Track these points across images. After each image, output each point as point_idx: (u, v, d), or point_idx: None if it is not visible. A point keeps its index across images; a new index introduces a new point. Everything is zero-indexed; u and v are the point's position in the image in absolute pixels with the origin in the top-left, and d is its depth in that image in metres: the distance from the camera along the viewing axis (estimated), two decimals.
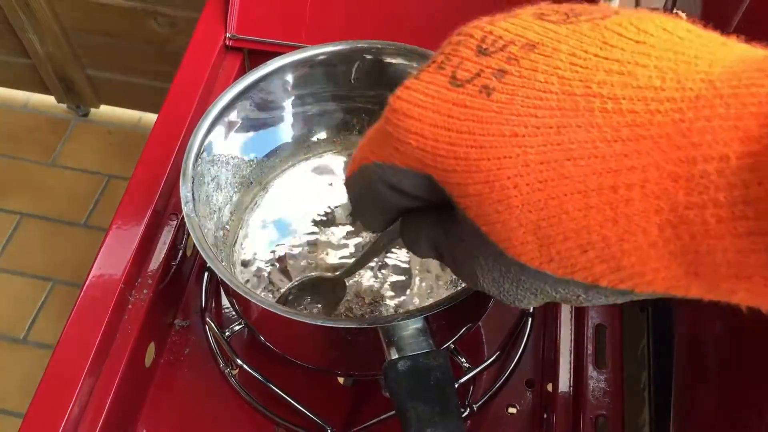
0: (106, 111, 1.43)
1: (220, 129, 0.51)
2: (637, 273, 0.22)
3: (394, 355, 0.42)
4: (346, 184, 0.32)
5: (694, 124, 0.20)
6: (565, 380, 0.52)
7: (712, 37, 0.23)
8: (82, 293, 0.51)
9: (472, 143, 0.24)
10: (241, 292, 0.43)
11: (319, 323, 0.43)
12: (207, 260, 0.44)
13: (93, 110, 1.44)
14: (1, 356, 1.21)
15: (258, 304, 0.43)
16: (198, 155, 0.48)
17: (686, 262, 0.21)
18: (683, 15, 0.25)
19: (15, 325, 1.24)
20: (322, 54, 0.53)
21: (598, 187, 0.22)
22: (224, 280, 0.43)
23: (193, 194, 0.46)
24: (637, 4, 1.06)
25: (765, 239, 0.18)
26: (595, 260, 0.22)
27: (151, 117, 1.43)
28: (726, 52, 0.22)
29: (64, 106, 1.43)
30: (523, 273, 0.25)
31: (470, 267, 0.28)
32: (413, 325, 0.42)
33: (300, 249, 0.56)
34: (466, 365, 0.51)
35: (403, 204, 0.29)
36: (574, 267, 0.23)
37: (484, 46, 0.26)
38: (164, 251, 0.55)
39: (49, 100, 1.41)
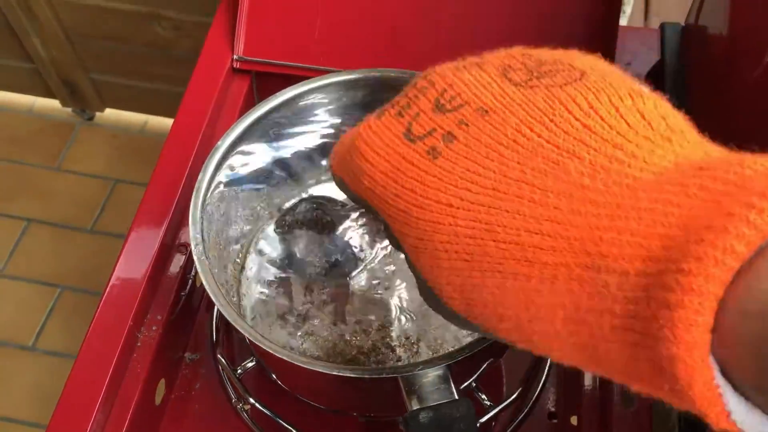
0: (111, 115, 1.41)
1: (228, 165, 0.49)
2: (546, 350, 0.23)
3: (415, 405, 0.40)
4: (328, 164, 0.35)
5: (606, 234, 0.21)
6: (591, 414, 0.51)
7: (662, 127, 0.23)
8: (89, 332, 0.50)
9: (414, 201, 0.26)
10: (251, 338, 0.41)
11: (336, 373, 0.41)
12: (218, 306, 0.42)
13: (98, 114, 1.42)
14: (9, 364, 1.20)
15: (271, 352, 0.41)
16: (206, 196, 0.46)
17: (587, 354, 0.22)
18: (645, 90, 0.25)
19: (23, 333, 1.23)
20: (333, 83, 0.51)
21: (514, 272, 0.23)
22: (238, 329, 0.42)
23: (202, 235, 0.45)
24: (647, 11, 1.04)
25: (648, 352, 0.19)
26: (511, 329, 0.24)
27: (156, 120, 1.42)
28: (665, 152, 0.22)
29: (68, 110, 1.41)
30: (453, 314, 0.27)
31: (417, 282, 0.30)
32: (434, 373, 0.41)
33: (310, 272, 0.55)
34: (488, 403, 0.49)
35: None
36: (494, 329, 0.25)
37: (442, 101, 0.27)
38: (174, 285, 0.53)
39: (54, 104, 1.40)
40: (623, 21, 0.87)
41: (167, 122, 1.40)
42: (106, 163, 1.39)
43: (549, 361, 0.54)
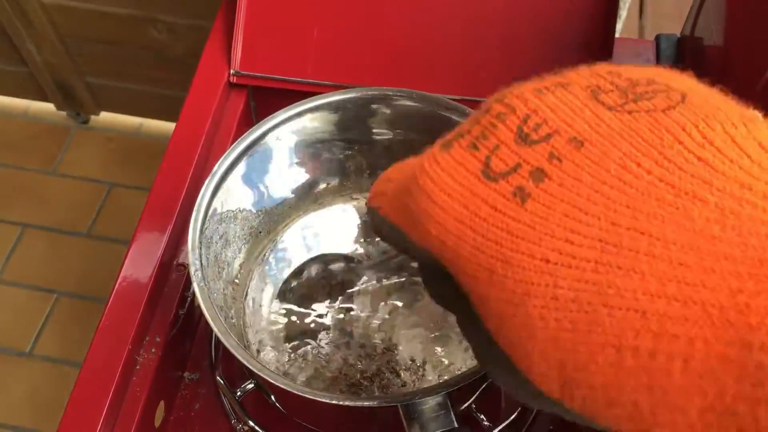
0: (106, 118, 1.41)
1: (225, 188, 0.49)
2: None
3: None
4: (367, 206, 0.29)
5: (753, 300, 0.17)
6: None
7: None
8: (88, 356, 0.49)
9: (500, 256, 0.22)
10: (251, 367, 0.41)
11: (335, 402, 0.41)
12: (218, 334, 0.42)
13: (93, 117, 1.41)
14: (6, 370, 1.20)
15: (273, 382, 0.41)
16: (205, 220, 0.46)
17: None
18: (758, 114, 0.21)
19: (20, 339, 1.22)
20: (330, 102, 0.51)
21: (634, 347, 0.18)
22: (239, 358, 0.41)
23: (201, 260, 0.45)
24: (642, 11, 1.04)
25: None
26: (623, 418, 0.19)
27: (151, 123, 1.41)
28: None
29: (63, 113, 1.41)
30: (535, 392, 0.22)
31: (475, 348, 0.26)
32: (434, 401, 0.41)
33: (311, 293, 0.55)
34: (487, 423, 0.49)
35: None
36: (598, 416, 0.20)
37: (526, 130, 0.23)
38: (172, 305, 0.53)
39: (49, 108, 1.39)
40: (618, 26, 0.87)
41: (162, 125, 1.39)
42: (101, 166, 1.38)
43: None
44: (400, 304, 0.54)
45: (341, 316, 0.54)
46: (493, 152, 0.23)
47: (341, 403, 0.41)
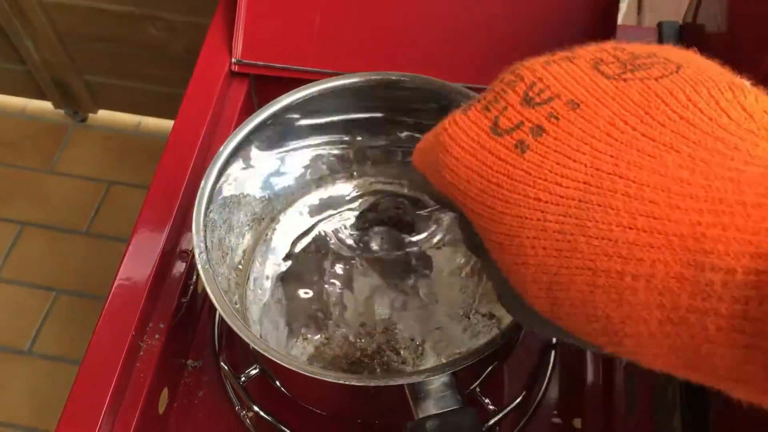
0: (104, 116, 1.40)
1: (229, 172, 0.49)
2: (636, 354, 0.23)
3: (422, 413, 0.40)
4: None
5: (709, 231, 0.20)
6: (595, 419, 0.50)
7: (765, 120, 0.22)
8: (92, 342, 0.49)
9: (500, 196, 0.26)
10: (257, 347, 0.41)
11: (342, 382, 0.41)
12: (223, 315, 0.42)
13: (91, 115, 1.41)
14: (6, 369, 1.19)
15: (279, 362, 0.41)
16: (209, 203, 0.46)
17: (684, 358, 0.21)
18: (746, 83, 0.24)
19: (19, 337, 1.22)
20: (333, 87, 0.51)
21: (607, 269, 0.22)
22: (244, 338, 0.41)
23: (206, 243, 0.45)
24: (640, 6, 1.04)
25: (761, 355, 0.19)
26: (600, 331, 0.23)
27: (150, 121, 1.41)
28: None
29: (61, 111, 1.41)
30: (535, 316, 0.26)
31: (494, 286, 0.30)
32: (440, 380, 0.41)
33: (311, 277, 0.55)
34: (491, 407, 0.49)
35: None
36: (580, 331, 0.24)
37: (531, 95, 0.26)
38: (175, 292, 0.53)
39: (47, 106, 1.39)
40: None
41: (161, 123, 1.39)
42: (99, 164, 1.38)
43: (551, 364, 0.54)
44: (397, 284, 0.54)
45: (340, 296, 0.54)
46: (501, 113, 0.27)
47: (348, 382, 0.41)
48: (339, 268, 0.55)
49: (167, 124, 1.37)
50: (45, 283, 1.27)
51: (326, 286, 0.54)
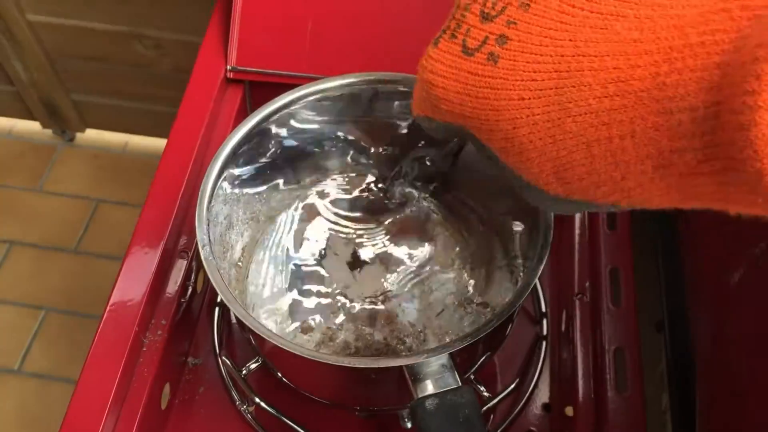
0: (92, 135, 1.42)
1: (231, 169, 0.50)
2: (645, 200, 0.25)
3: (421, 393, 0.42)
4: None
5: (668, 78, 0.22)
6: (585, 404, 0.52)
7: None
8: (95, 340, 0.50)
9: (489, 107, 0.28)
10: (266, 336, 0.42)
11: (345, 364, 0.42)
12: (231, 307, 0.43)
13: (79, 135, 1.42)
14: None
15: (287, 349, 0.42)
16: (211, 198, 0.48)
17: (681, 192, 0.23)
18: None
19: (8, 356, 1.22)
20: (329, 87, 0.52)
21: (597, 138, 0.24)
22: (249, 326, 0.43)
23: (209, 236, 0.46)
24: None
25: (734, 175, 0.21)
26: (609, 192, 0.26)
27: (138, 140, 1.42)
28: None
29: (49, 131, 1.41)
30: (554, 199, 0.29)
31: (514, 186, 0.32)
32: (438, 362, 0.42)
33: (312, 273, 0.56)
34: (486, 394, 0.51)
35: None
36: (594, 197, 0.26)
37: (486, 11, 0.29)
38: (176, 290, 0.54)
39: (34, 126, 1.40)
40: None
41: (149, 142, 1.41)
42: (87, 183, 1.39)
43: (543, 355, 0.56)
44: (397, 277, 0.56)
45: (342, 291, 0.55)
46: (466, 35, 0.29)
47: (350, 365, 0.42)
48: (339, 261, 0.57)
49: (155, 142, 1.39)
50: (34, 302, 1.27)
51: (326, 280, 0.56)
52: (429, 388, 0.42)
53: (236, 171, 0.51)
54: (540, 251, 0.45)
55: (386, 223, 0.58)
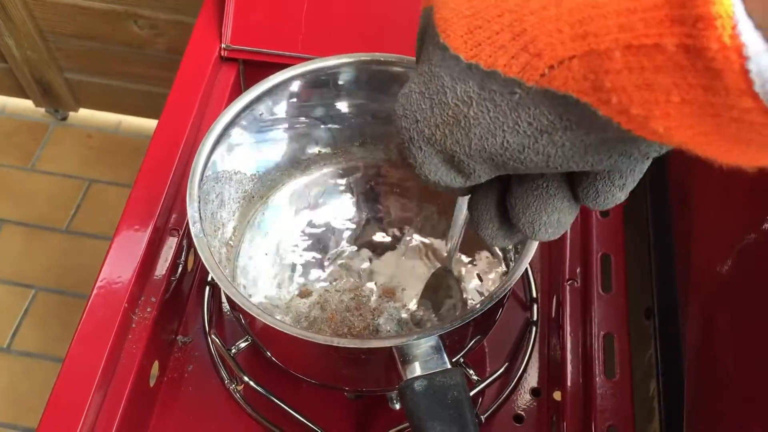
0: (85, 114, 1.41)
1: (223, 146, 0.50)
2: (649, 121, 0.23)
3: (410, 374, 0.41)
4: None
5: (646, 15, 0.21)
6: (574, 389, 0.52)
7: None
8: (85, 315, 0.50)
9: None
10: (255, 314, 0.42)
11: (336, 344, 0.42)
12: (220, 284, 0.43)
13: (72, 114, 1.41)
14: None
15: (276, 327, 0.42)
16: (203, 175, 0.47)
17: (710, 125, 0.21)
18: None
19: None
20: (323, 67, 0.52)
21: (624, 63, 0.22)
22: (239, 304, 0.43)
23: (200, 214, 0.46)
24: None
25: (727, 112, 0.20)
26: (621, 110, 0.23)
27: (131, 120, 1.41)
28: None
29: (42, 110, 1.41)
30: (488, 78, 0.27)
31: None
32: (427, 343, 0.42)
33: (303, 258, 0.56)
34: (475, 377, 0.51)
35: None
36: (626, 115, 0.24)
37: None
38: (166, 268, 0.54)
39: (27, 104, 1.39)
40: None
41: (142, 122, 1.40)
42: (80, 163, 1.38)
43: (532, 339, 0.56)
44: (385, 264, 0.56)
45: (331, 275, 0.55)
46: None
47: (339, 344, 0.42)
48: (327, 249, 0.57)
49: (149, 123, 1.38)
50: (24, 281, 1.26)
51: (317, 265, 0.56)
52: (418, 369, 0.42)
53: (230, 148, 0.51)
54: None
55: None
